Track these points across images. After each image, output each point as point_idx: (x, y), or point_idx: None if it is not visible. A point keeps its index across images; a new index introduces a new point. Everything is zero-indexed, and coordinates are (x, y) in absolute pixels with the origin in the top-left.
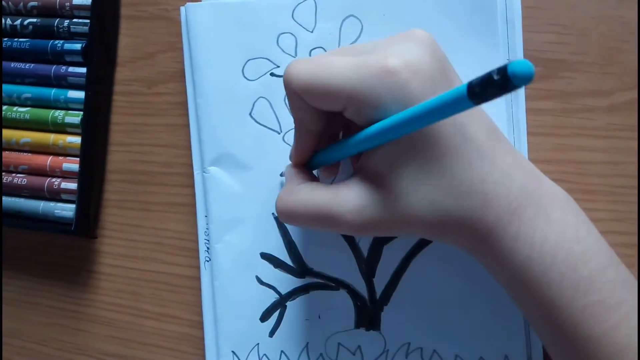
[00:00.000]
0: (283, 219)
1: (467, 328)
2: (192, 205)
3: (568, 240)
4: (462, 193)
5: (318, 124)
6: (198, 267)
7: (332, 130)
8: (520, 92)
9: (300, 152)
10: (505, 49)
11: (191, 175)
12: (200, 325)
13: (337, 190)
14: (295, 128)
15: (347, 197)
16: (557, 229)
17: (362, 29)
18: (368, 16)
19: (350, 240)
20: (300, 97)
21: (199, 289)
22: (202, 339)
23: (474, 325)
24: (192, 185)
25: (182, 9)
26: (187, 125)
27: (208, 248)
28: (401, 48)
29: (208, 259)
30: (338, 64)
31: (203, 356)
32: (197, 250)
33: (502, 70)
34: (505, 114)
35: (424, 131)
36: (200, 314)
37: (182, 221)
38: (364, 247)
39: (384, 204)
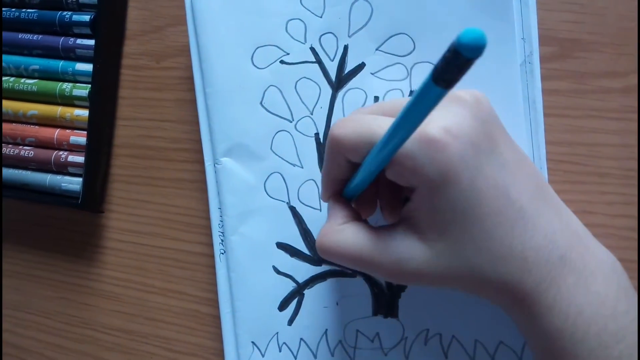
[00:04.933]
0: (323, 256)
1: (487, 312)
2: (200, 181)
3: (604, 316)
4: (502, 257)
5: (348, 174)
6: (205, 244)
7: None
8: (536, 72)
9: (327, 195)
10: (519, 27)
11: (199, 151)
12: (206, 301)
13: (380, 238)
14: (324, 175)
15: (390, 248)
16: (595, 302)
17: (372, 12)
18: None
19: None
20: (345, 155)
21: (206, 266)
22: (208, 314)
23: (494, 310)
24: (200, 161)
25: None
26: (196, 101)
27: (222, 240)
28: (442, 113)
29: (223, 251)
30: (379, 124)
31: (209, 332)
32: (204, 227)
33: (452, 45)
34: (520, 95)
35: (466, 193)
36: (207, 290)
37: (189, 197)
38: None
39: (423, 260)
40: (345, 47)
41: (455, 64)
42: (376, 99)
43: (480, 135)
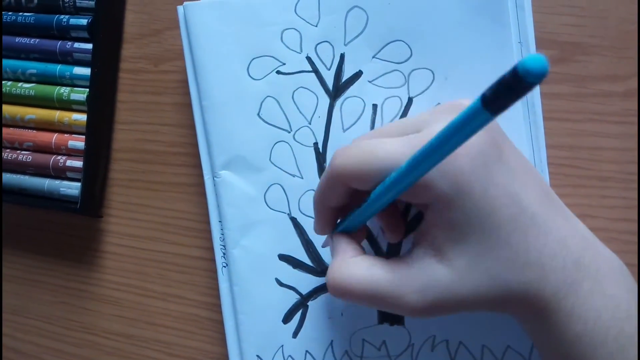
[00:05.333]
0: (335, 294)
1: (494, 317)
2: (199, 185)
3: (620, 319)
4: (520, 266)
5: (344, 203)
6: (204, 248)
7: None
8: None
9: (322, 224)
10: (516, 31)
11: (198, 155)
12: (205, 305)
13: (397, 268)
14: (319, 203)
15: (409, 276)
16: (611, 305)
17: (367, 19)
18: (373, 6)
19: (368, 235)
20: (348, 184)
21: (206, 270)
22: (208, 318)
23: (501, 314)
24: (199, 166)
25: (180, 8)
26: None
27: (224, 254)
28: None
29: (225, 265)
30: (383, 147)
31: (209, 336)
32: (203, 231)
33: (513, 70)
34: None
35: (480, 203)
36: (206, 294)
37: (188, 201)
38: (383, 241)
39: (447, 283)
40: (342, 56)
41: (515, 88)
42: (374, 107)
43: (487, 144)
